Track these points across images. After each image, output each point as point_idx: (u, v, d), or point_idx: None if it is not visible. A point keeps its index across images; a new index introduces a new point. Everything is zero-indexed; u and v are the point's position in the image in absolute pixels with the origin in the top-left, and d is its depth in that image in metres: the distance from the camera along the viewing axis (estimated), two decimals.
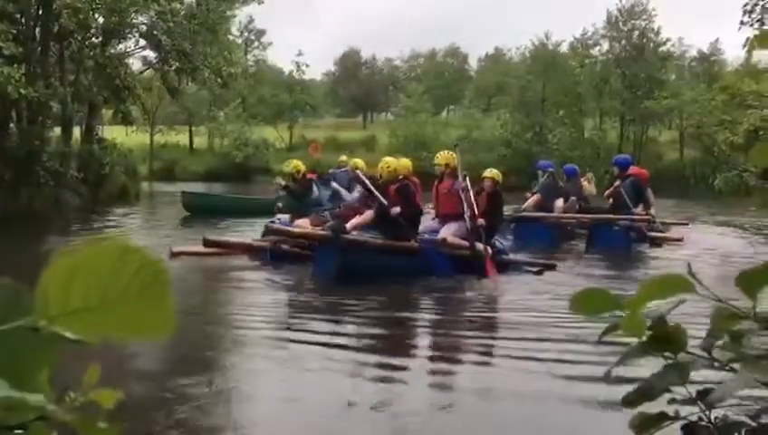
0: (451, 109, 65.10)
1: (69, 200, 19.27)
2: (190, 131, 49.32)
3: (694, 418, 0.89)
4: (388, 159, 9.11)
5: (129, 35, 23.69)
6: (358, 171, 9.48)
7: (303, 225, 9.27)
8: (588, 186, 13.90)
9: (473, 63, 67.42)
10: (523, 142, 39.84)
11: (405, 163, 9.02)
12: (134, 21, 22.74)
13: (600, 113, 42.85)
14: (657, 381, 0.87)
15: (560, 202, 12.63)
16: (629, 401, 0.89)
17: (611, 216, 11.71)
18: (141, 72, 26.14)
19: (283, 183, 10.65)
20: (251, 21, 49.56)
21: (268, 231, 8.91)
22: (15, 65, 16.10)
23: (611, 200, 12.15)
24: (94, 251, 0.47)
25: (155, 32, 22.86)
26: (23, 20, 19.17)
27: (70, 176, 19.56)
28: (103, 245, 0.48)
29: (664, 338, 0.88)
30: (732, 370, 0.87)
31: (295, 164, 10.76)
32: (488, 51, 65.83)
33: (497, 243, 9.28)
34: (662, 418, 0.88)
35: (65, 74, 21.48)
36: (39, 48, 19.18)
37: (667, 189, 27.47)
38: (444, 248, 8.54)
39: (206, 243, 9.34)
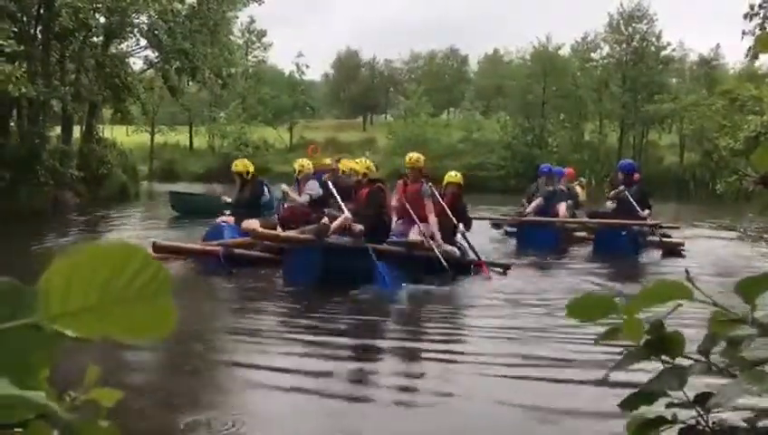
0: (451, 111, 65.06)
1: (68, 199, 19.30)
2: (190, 131, 49.36)
3: (692, 422, 0.89)
4: (367, 161, 8.85)
5: (130, 35, 23.75)
6: (327, 175, 9.30)
7: (255, 226, 8.84)
8: (581, 191, 13.86)
9: (473, 66, 67.37)
10: (522, 145, 39.83)
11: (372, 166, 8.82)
12: (135, 20, 22.78)
13: (600, 117, 42.88)
14: (655, 385, 0.88)
15: (563, 206, 12.52)
16: (628, 404, 0.90)
17: (620, 220, 11.59)
18: (142, 72, 26.15)
19: (229, 200, 10.35)
20: (252, 22, 49.66)
21: (256, 235, 8.54)
22: (17, 63, 16.10)
23: (614, 204, 12.06)
24: (95, 251, 0.48)
25: (156, 31, 22.89)
26: (24, 18, 19.19)
27: (70, 175, 19.58)
28: (104, 245, 0.48)
29: (662, 342, 0.88)
30: (730, 375, 0.87)
31: (245, 164, 10.15)
32: (487, 52, 65.72)
33: (458, 244, 9.24)
34: (660, 421, 0.88)
35: (66, 73, 21.51)
36: (40, 47, 19.19)
37: (666, 194, 27.48)
38: (416, 250, 8.46)
39: (156, 248, 8.62)
